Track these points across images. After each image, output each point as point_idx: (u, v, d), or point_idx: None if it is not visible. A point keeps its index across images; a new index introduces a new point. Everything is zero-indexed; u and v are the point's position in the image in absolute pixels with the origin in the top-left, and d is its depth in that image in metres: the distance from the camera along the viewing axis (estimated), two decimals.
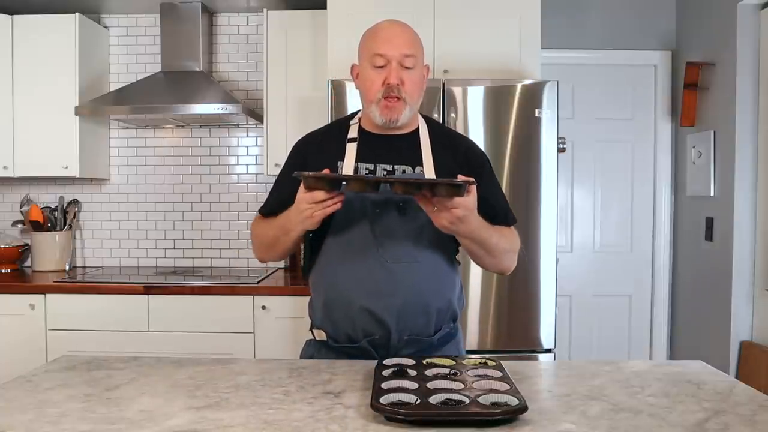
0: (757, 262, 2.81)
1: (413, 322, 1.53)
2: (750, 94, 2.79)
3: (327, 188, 1.36)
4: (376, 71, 1.52)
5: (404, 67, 1.51)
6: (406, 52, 1.51)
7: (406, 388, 1.14)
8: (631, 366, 1.44)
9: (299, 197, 1.39)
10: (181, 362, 1.46)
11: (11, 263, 3.35)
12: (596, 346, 3.46)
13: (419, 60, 1.55)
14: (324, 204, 1.37)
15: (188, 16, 3.24)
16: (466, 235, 1.44)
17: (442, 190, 1.31)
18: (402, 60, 1.50)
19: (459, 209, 1.34)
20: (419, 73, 1.55)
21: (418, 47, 1.55)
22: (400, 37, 1.52)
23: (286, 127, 3.07)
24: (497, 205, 1.60)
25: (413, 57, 1.52)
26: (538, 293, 2.57)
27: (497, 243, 1.52)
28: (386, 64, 1.50)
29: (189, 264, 3.49)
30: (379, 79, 1.51)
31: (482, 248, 1.51)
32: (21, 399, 1.19)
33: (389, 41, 1.51)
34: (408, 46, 1.52)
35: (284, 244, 1.55)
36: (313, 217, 1.39)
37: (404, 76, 1.50)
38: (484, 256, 1.54)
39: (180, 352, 2.64)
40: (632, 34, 3.40)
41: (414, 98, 1.54)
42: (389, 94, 1.50)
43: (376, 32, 1.55)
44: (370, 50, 1.53)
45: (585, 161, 3.46)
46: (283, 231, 1.51)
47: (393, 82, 1.49)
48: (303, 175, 1.35)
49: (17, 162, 3.13)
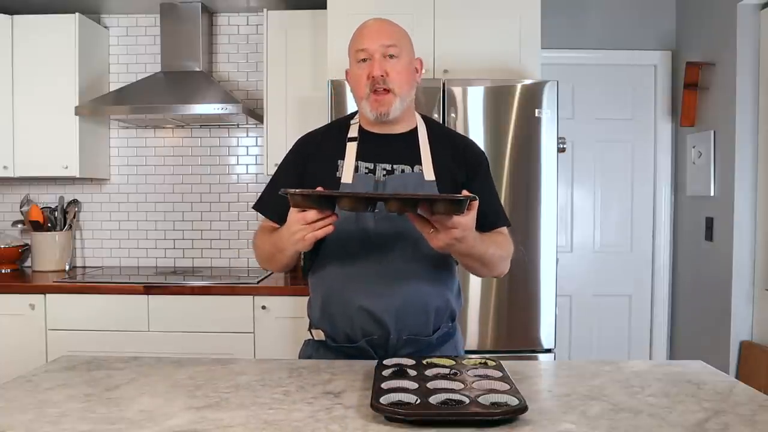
0: (757, 262, 2.81)
1: (412, 321, 1.52)
2: (750, 94, 2.79)
3: (316, 206, 1.28)
4: (360, 67, 1.53)
5: (388, 57, 1.51)
6: (386, 43, 1.52)
7: (406, 388, 1.14)
8: (631, 366, 1.44)
9: (290, 218, 1.35)
10: (181, 362, 1.46)
11: (11, 263, 3.35)
12: (596, 346, 3.46)
13: (404, 50, 1.54)
14: (315, 226, 1.32)
15: (188, 16, 3.24)
16: (462, 253, 1.41)
17: (441, 207, 1.23)
18: (384, 51, 1.51)
19: (458, 229, 1.27)
20: (405, 62, 1.54)
21: (401, 38, 1.55)
22: (380, 31, 1.54)
23: (286, 127, 3.07)
24: (490, 207, 1.58)
25: (395, 47, 1.52)
26: (538, 293, 2.57)
27: (492, 254, 1.50)
28: (369, 58, 1.52)
29: (189, 264, 3.49)
30: (364, 74, 1.52)
31: (478, 262, 1.49)
32: (21, 399, 1.19)
33: (369, 35, 1.53)
34: (388, 37, 1.53)
35: (281, 260, 1.53)
36: (305, 240, 1.34)
37: (388, 67, 1.51)
38: (479, 268, 1.53)
39: (180, 352, 2.65)
40: (632, 34, 3.40)
41: (403, 89, 1.53)
42: (375, 87, 1.50)
43: (359, 30, 1.57)
44: (354, 48, 1.55)
45: (585, 161, 3.46)
46: (277, 249, 1.49)
47: (376, 74, 1.50)
48: (289, 192, 1.27)
49: (17, 162, 3.13)
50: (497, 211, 1.62)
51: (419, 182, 1.52)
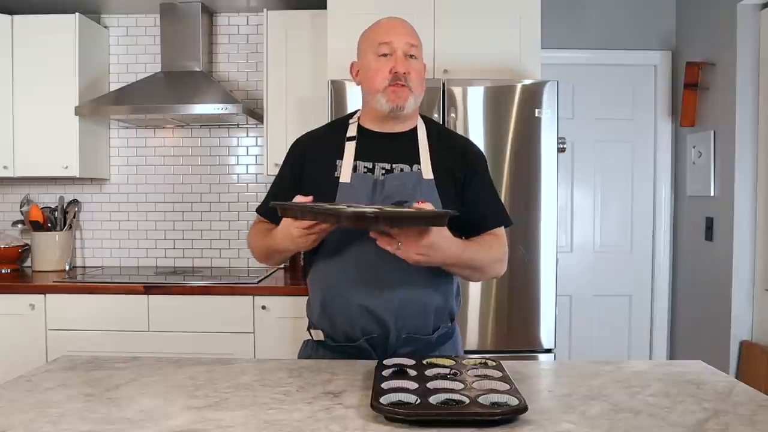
0: (757, 262, 2.81)
1: (412, 320, 1.52)
2: (750, 94, 2.79)
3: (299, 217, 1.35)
4: (381, 60, 1.53)
5: (408, 56, 1.53)
6: (411, 42, 1.54)
7: (406, 388, 1.14)
8: (631, 366, 1.44)
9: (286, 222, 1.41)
10: (181, 362, 1.45)
11: (11, 263, 3.35)
12: (596, 346, 3.46)
13: (421, 52, 1.58)
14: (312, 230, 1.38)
15: (188, 16, 3.24)
16: (444, 262, 1.41)
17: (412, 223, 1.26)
18: (407, 49, 1.53)
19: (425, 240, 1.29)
20: (421, 64, 1.58)
21: (419, 40, 1.59)
22: (404, 27, 1.57)
23: (286, 127, 3.07)
24: (489, 208, 1.59)
25: (416, 47, 1.55)
26: (538, 293, 2.57)
27: (483, 259, 1.50)
28: (392, 53, 1.52)
29: (189, 264, 3.49)
30: (385, 68, 1.52)
31: (467, 269, 1.49)
32: (21, 399, 1.19)
33: (394, 30, 1.55)
34: (411, 35, 1.56)
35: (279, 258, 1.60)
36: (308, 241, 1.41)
37: (409, 66, 1.53)
38: (471, 274, 1.53)
39: (180, 352, 2.65)
40: (632, 34, 3.40)
41: (419, 89, 1.56)
42: (396, 81, 1.51)
43: (380, 24, 1.58)
44: (375, 40, 1.55)
45: (585, 161, 3.46)
46: (275, 250, 1.53)
47: (401, 71, 1.51)
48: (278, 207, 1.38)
49: (17, 162, 3.13)
50: (497, 211, 1.61)
51: (418, 181, 1.52)
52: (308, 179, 1.57)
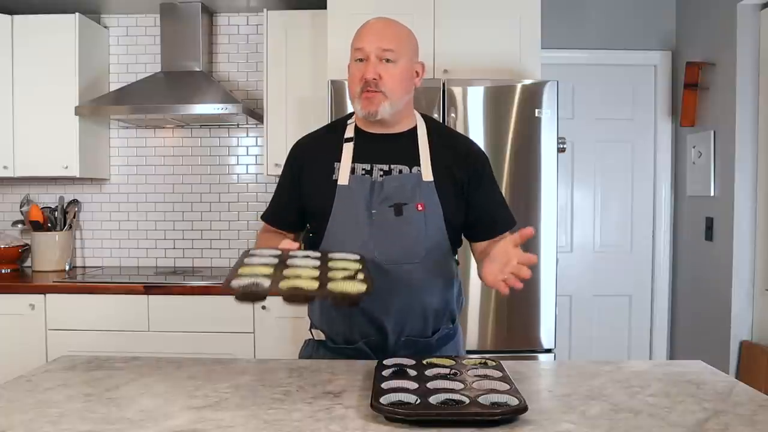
0: (757, 262, 2.81)
1: (410, 323, 1.52)
2: (750, 94, 2.79)
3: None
4: (357, 65, 1.52)
5: (383, 61, 1.49)
6: (384, 47, 1.48)
7: (406, 388, 1.14)
8: (631, 366, 1.44)
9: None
10: (181, 362, 1.46)
11: (11, 263, 3.35)
12: (596, 346, 3.46)
13: (402, 55, 1.51)
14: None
15: (188, 16, 3.24)
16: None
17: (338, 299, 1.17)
18: (380, 54, 1.48)
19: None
20: (402, 67, 1.51)
21: (401, 42, 1.52)
22: (380, 32, 1.51)
23: (286, 127, 3.07)
24: (498, 214, 1.59)
25: (392, 51, 1.49)
26: (538, 293, 2.57)
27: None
28: (365, 58, 1.50)
29: (189, 264, 3.48)
30: (359, 74, 1.50)
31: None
32: (21, 399, 1.19)
33: (368, 36, 1.51)
34: (387, 40, 1.50)
35: None
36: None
37: (382, 70, 1.48)
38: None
39: (180, 352, 2.64)
40: (632, 34, 3.40)
41: (396, 93, 1.50)
42: (367, 88, 1.49)
43: (360, 28, 1.55)
44: (353, 45, 1.54)
45: (585, 161, 3.46)
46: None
47: (368, 77, 1.48)
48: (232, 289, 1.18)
49: (17, 162, 3.13)
50: (505, 216, 1.61)
51: (417, 183, 1.51)
52: (307, 182, 1.57)
